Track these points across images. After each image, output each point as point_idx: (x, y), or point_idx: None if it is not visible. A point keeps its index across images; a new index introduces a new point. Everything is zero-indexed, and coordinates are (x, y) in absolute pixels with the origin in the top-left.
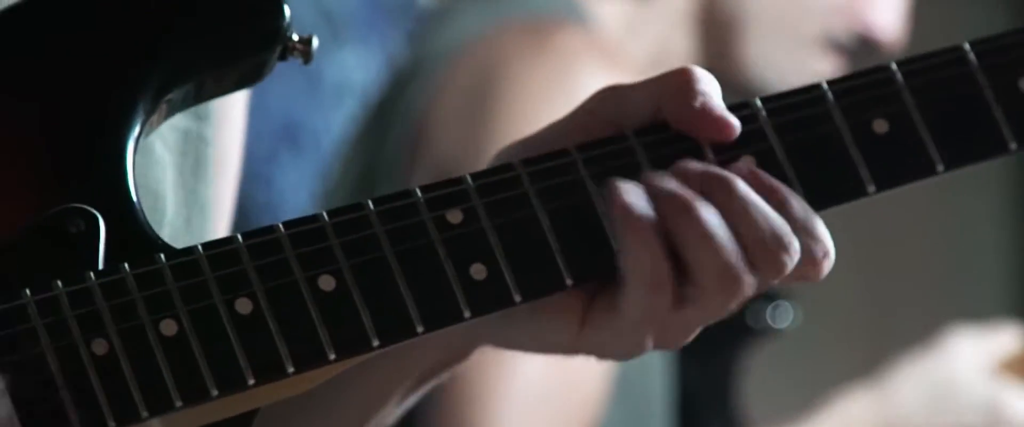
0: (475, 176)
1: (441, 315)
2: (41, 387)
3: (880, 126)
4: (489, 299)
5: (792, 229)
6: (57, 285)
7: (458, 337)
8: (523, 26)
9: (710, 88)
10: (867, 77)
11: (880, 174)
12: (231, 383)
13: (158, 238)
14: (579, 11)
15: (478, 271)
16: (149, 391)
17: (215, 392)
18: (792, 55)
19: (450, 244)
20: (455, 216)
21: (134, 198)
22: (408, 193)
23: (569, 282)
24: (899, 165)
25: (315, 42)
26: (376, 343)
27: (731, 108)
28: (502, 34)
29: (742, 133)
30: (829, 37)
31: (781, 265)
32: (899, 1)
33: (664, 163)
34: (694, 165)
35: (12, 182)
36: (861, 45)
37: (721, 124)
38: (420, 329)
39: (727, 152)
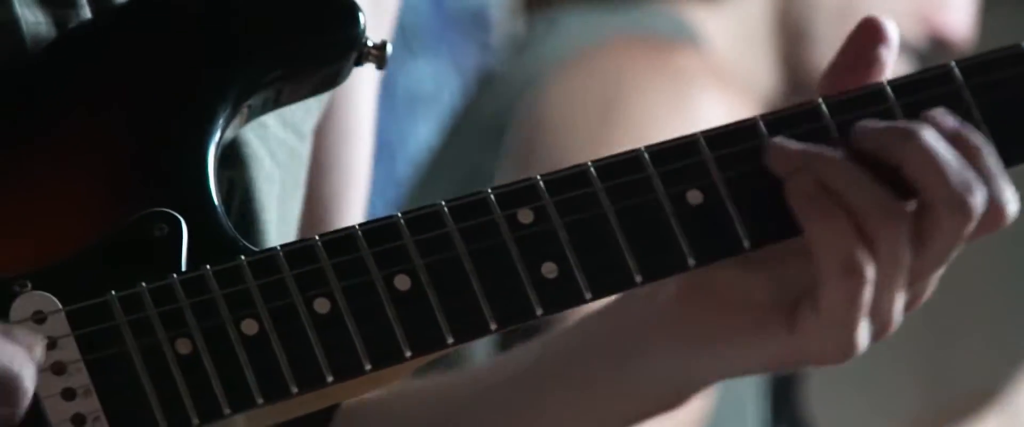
0: (545, 175)
1: (513, 313)
2: (126, 385)
3: None
4: (560, 297)
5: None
6: (141, 285)
7: (676, 379)
8: (642, 41)
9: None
10: None
11: None
12: (311, 381)
13: (239, 239)
14: (690, 31)
15: (549, 270)
16: (231, 389)
17: (295, 389)
18: None
19: (521, 243)
20: (526, 215)
21: (216, 201)
22: (480, 192)
23: (639, 279)
24: None
25: (389, 48)
26: (451, 340)
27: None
28: (620, 46)
29: (939, 95)
30: (902, 41)
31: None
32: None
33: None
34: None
35: (98, 187)
36: (933, 47)
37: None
38: (493, 327)
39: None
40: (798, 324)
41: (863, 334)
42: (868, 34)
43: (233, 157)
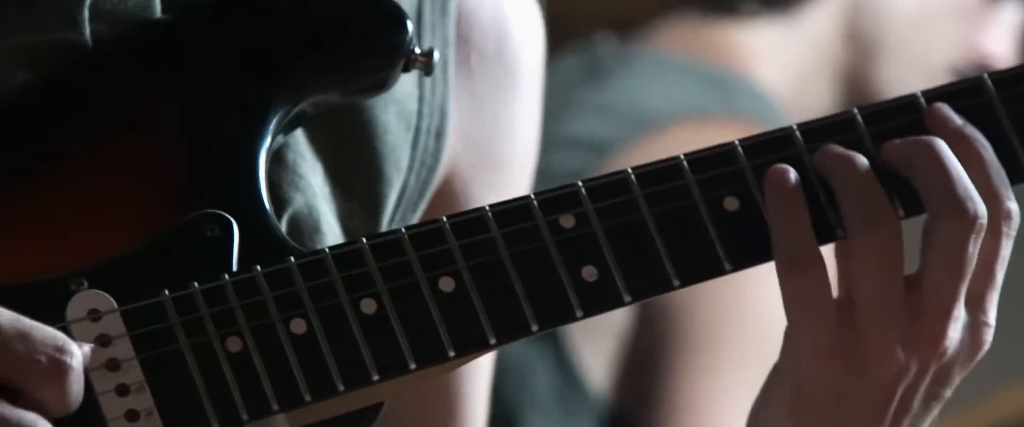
0: (587, 181)
1: (555, 315)
2: (178, 382)
3: None
4: (600, 300)
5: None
6: (193, 285)
7: None
8: (733, 128)
9: None
10: None
11: None
12: (357, 379)
13: (288, 241)
14: (770, 107)
15: (589, 273)
16: (280, 386)
17: (342, 387)
18: (920, 81)
19: (563, 247)
20: (568, 220)
21: (266, 204)
22: (523, 197)
23: (676, 283)
24: None
25: (436, 55)
26: (493, 341)
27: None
28: (711, 127)
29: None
30: (953, 66)
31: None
32: (1012, 29)
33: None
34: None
35: (153, 188)
36: (977, 71)
37: None
38: (535, 328)
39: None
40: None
41: (900, 351)
42: None
43: (295, 181)
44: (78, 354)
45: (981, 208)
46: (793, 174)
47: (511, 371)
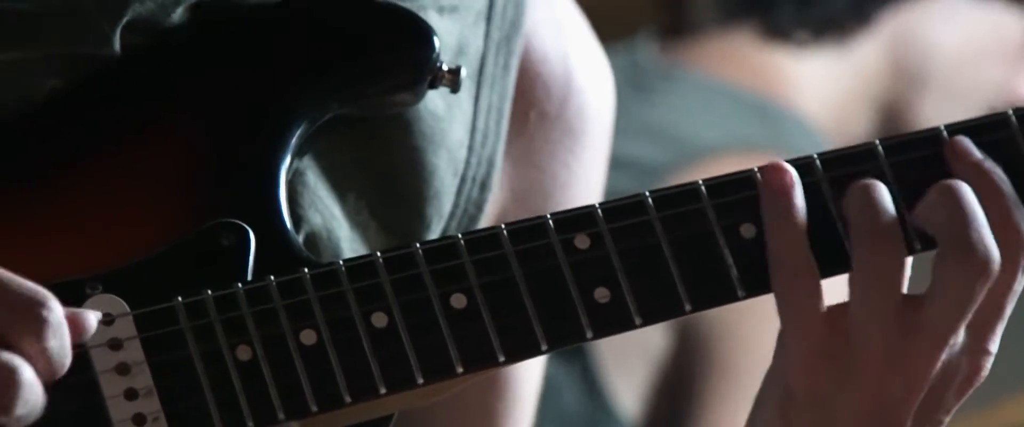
0: (603, 203)
1: (565, 336)
2: (186, 388)
3: None
4: (611, 322)
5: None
6: (206, 292)
7: None
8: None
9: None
10: None
11: None
12: (364, 392)
13: (304, 252)
14: (814, 139)
15: (602, 295)
16: (287, 396)
17: (348, 399)
18: (961, 118)
19: (576, 267)
20: (583, 241)
21: (285, 216)
22: (539, 217)
23: (688, 308)
24: None
25: (463, 72)
26: (502, 359)
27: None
28: (755, 159)
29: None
30: (993, 106)
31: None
32: None
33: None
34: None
35: (171, 196)
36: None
37: None
38: (544, 347)
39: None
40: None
41: (898, 380)
42: None
43: (314, 202)
44: (58, 309)
45: (994, 255)
46: (791, 176)
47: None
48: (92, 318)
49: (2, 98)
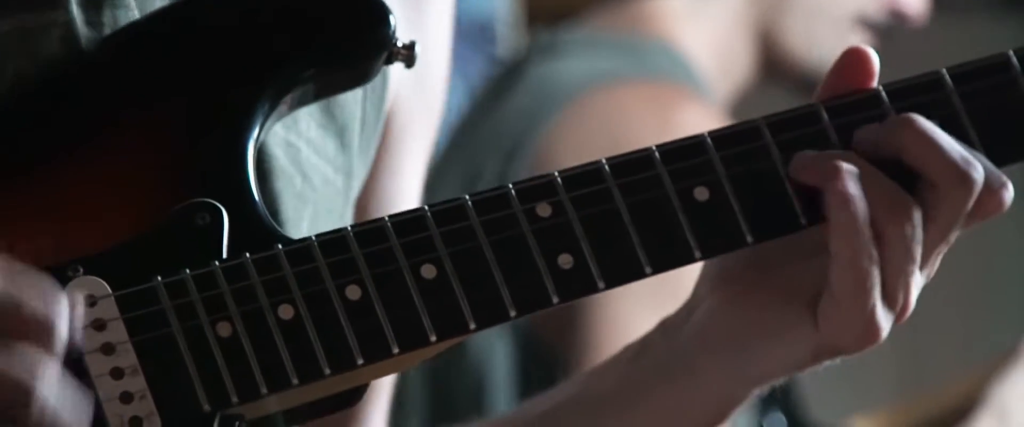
0: (563, 171)
1: (532, 301)
2: (170, 365)
3: None
4: (575, 286)
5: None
6: (185, 271)
7: (721, 393)
8: (647, 88)
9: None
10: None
11: None
12: (342, 363)
13: (277, 229)
14: (695, 79)
15: (565, 261)
16: (268, 370)
17: (328, 371)
18: (830, 34)
19: (539, 235)
20: (544, 209)
21: (255, 193)
22: (501, 187)
23: (648, 270)
24: None
25: (418, 48)
26: (473, 326)
27: (918, 83)
28: (625, 90)
29: (925, 103)
30: (862, 16)
31: (970, 180)
32: None
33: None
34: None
35: (146, 179)
36: (892, 21)
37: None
38: (512, 313)
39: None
40: (820, 317)
41: (882, 318)
42: (854, 64)
43: (260, 169)
44: (64, 299)
45: (979, 170)
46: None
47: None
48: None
49: None
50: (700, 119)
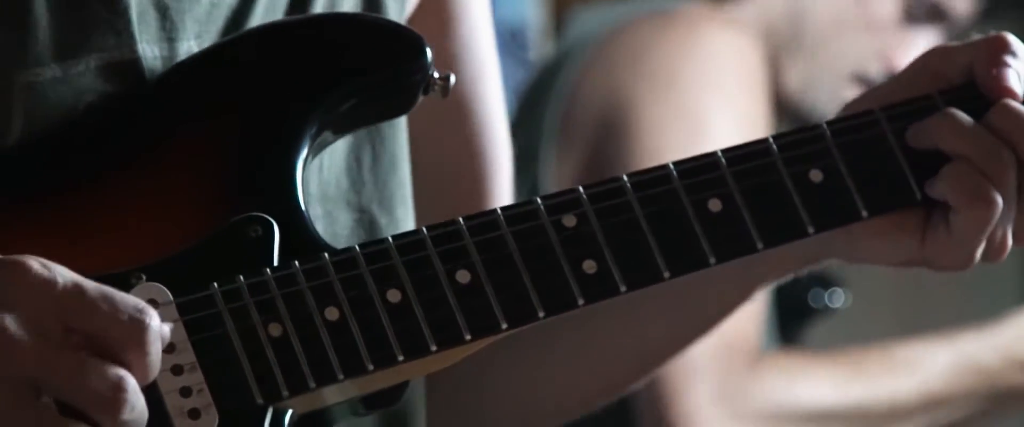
0: (587, 186)
1: (559, 303)
2: (226, 363)
3: None
4: (599, 289)
5: None
6: (239, 278)
7: (802, 254)
8: (663, 18)
9: (1014, 59)
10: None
11: None
12: (384, 360)
13: (322, 239)
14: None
15: (589, 266)
16: (316, 366)
17: (371, 367)
18: (828, 84)
19: (565, 243)
20: (570, 220)
21: (303, 207)
22: (531, 201)
23: (666, 275)
24: None
25: (453, 79)
26: (505, 326)
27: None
28: (642, 23)
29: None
30: (862, 74)
31: None
32: (926, 46)
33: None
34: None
35: (204, 193)
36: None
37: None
38: (541, 315)
39: None
40: (928, 236)
41: (979, 254)
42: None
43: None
44: (156, 315)
45: None
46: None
47: None
48: (167, 329)
49: (50, 112)
50: (720, 36)
